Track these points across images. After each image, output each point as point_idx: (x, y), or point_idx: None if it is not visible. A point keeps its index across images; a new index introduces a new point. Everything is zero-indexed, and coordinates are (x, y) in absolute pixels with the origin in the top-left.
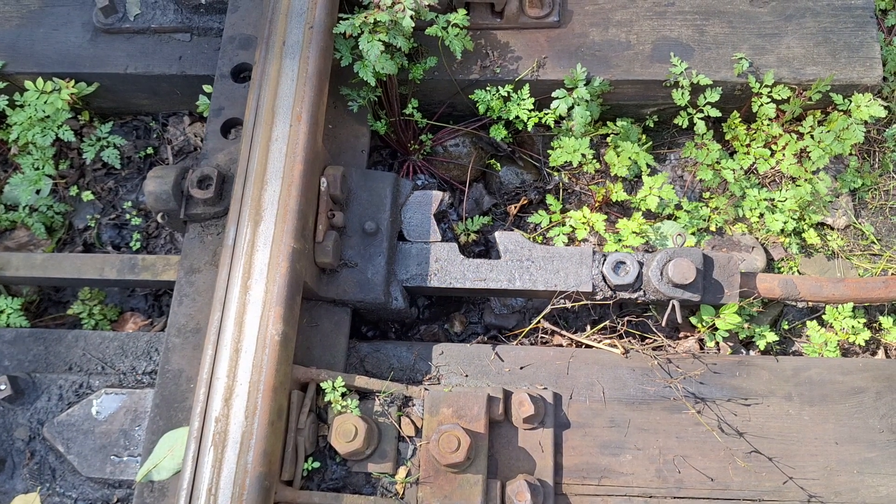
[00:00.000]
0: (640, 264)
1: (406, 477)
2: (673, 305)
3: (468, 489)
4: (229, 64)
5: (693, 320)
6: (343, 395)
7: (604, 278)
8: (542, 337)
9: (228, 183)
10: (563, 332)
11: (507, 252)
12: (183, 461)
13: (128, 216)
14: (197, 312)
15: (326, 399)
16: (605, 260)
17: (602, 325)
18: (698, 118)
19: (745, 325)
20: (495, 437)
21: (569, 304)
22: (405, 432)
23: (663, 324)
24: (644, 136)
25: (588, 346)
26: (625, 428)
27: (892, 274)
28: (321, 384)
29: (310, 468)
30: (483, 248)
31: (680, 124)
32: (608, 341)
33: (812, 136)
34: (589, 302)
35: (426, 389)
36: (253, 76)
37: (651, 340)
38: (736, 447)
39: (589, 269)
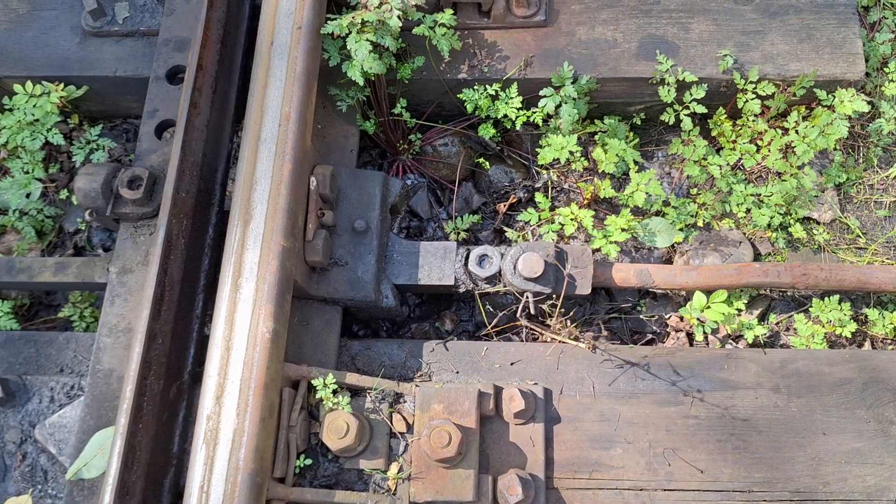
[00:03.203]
0: (503, 257)
1: (398, 473)
2: (527, 297)
3: (459, 484)
4: (164, 66)
5: (682, 312)
6: (334, 392)
7: (469, 272)
8: (532, 333)
9: (159, 184)
10: (536, 328)
11: None
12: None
13: None
14: (128, 312)
15: (318, 396)
16: (468, 254)
17: (583, 320)
18: (684, 115)
19: (736, 315)
20: (486, 433)
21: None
22: (396, 428)
23: (518, 315)
24: (631, 134)
25: (563, 342)
26: (615, 422)
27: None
28: (312, 381)
29: (302, 465)
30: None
31: (666, 121)
32: (572, 336)
33: (797, 132)
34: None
35: (417, 386)
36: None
37: (640, 336)
38: (725, 439)
39: (452, 264)
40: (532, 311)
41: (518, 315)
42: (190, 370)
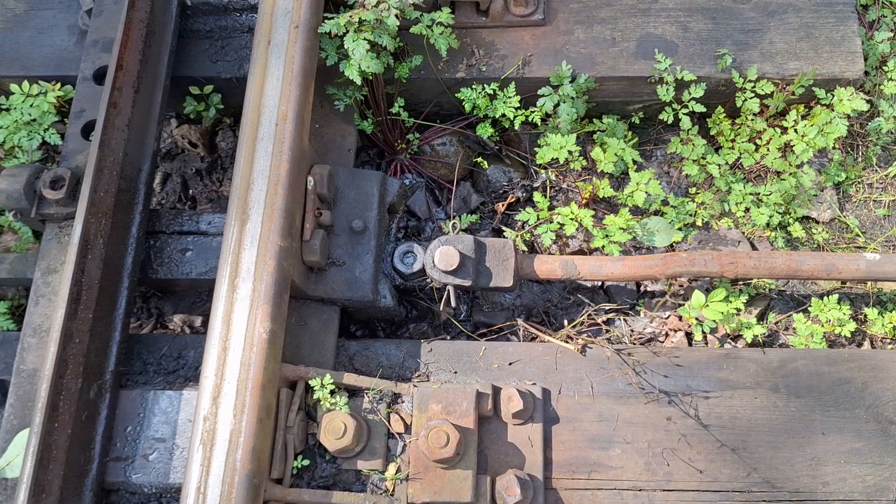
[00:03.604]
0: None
1: (396, 473)
2: (448, 291)
3: (458, 484)
4: (92, 67)
5: (681, 311)
6: (332, 392)
7: (394, 267)
8: (531, 333)
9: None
10: (529, 327)
11: None
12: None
13: None
14: (52, 312)
15: (315, 397)
16: (394, 250)
17: (579, 319)
18: (683, 114)
19: (735, 314)
20: (485, 433)
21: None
22: (394, 429)
23: (441, 309)
24: (630, 133)
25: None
26: (613, 422)
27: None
28: (310, 382)
29: (299, 466)
30: None
31: (665, 120)
32: (561, 335)
33: (796, 131)
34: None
35: (415, 386)
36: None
37: (639, 335)
38: (724, 439)
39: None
40: (453, 304)
41: (441, 308)
42: (112, 370)
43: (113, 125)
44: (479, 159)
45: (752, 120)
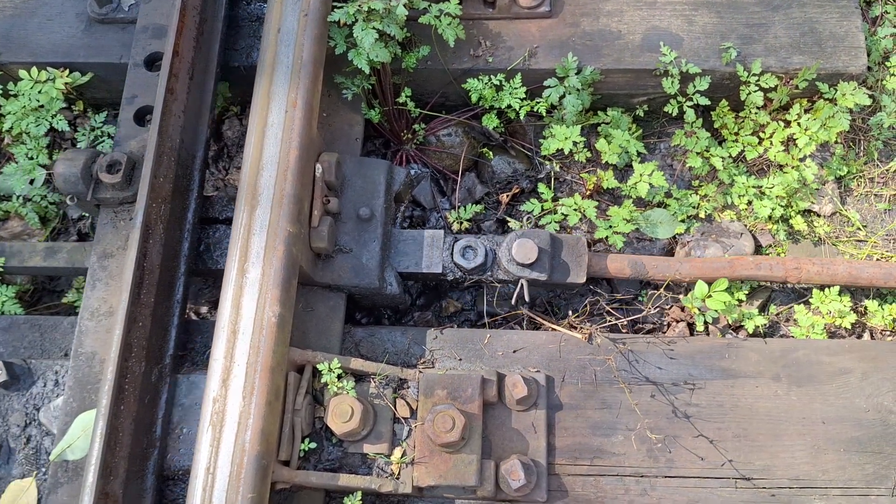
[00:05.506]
0: (487, 248)
1: (402, 457)
2: (521, 284)
3: (463, 468)
4: (142, 53)
5: (684, 302)
6: (339, 376)
7: (455, 262)
8: (533, 322)
9: (138, 169)
10: (537, 318)
11: None
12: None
13: None
14: (110, 296)
15: (323, 381)
16: (454, 244)
17: (582, 309)
18: (688, 106)
19: (737, 305)
20: (489, 419)
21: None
22: (400, 414)
23: (513, 302)
24: (634, 125)
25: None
26: (616, 409)
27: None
28: (317, 366)
29: (306, 449)
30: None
31: (670, 112)
32: (565, 324)
33: (799, 124)
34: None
35: (421, 372)
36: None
37: (642, 325)
38: (725, 427)
39: (440, 253)
40: (526, 299)
41: (513, 302)
42: (171, 354)
43: (170, 111)
44: (484, 150)
45: (756, 113)
